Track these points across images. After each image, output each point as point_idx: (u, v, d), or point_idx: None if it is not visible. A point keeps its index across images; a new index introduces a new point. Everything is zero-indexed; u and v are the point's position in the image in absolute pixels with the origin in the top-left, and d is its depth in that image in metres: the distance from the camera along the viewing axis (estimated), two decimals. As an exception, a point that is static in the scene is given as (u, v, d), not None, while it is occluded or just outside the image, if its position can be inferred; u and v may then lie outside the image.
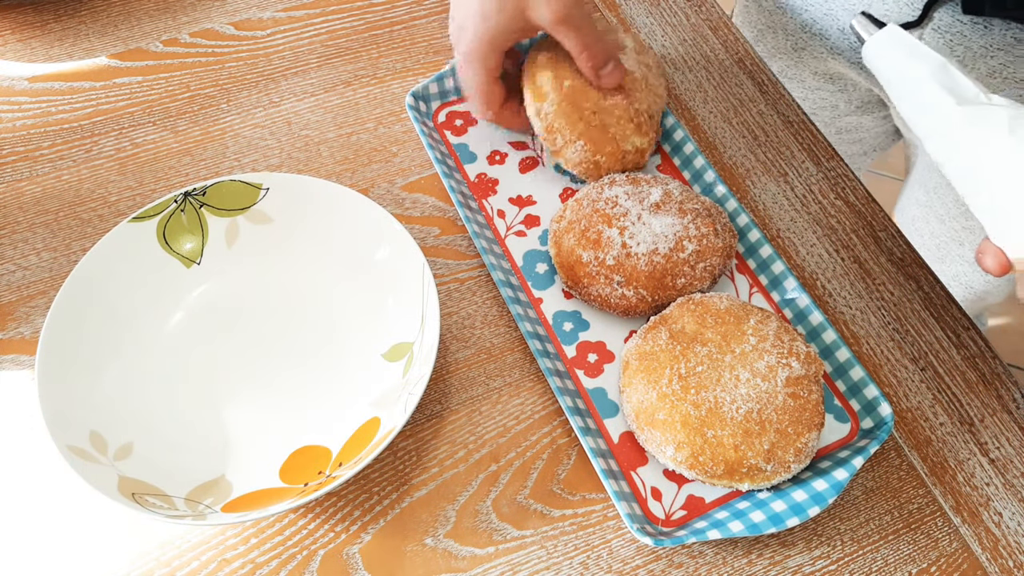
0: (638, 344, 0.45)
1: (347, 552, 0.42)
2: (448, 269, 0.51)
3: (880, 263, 0.52)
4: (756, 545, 0.43)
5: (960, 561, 0.43)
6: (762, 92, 0.59)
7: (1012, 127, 0.38)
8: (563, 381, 0.45)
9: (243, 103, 0.58)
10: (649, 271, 0.46)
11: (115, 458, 0.41)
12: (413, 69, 0.60)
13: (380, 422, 0.43)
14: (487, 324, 0.49)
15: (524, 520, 0.43)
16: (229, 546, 0.42)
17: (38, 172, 0.54)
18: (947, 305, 0.51)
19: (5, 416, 0.45)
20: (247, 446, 0.44)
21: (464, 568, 0.42)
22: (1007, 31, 0.54)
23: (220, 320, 0.48)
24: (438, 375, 0.47)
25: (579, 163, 0.51)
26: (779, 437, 0.41)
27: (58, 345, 0.42)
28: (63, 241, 0.51)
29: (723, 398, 0.41)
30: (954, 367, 0.49)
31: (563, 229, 0.48)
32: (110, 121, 0.56)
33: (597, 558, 0.42)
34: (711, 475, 0.41)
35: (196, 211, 0.48)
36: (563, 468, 0.45)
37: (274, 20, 0.62)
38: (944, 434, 0.46)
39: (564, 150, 0.51)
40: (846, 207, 0.54)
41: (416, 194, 0.54)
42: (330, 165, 0.55)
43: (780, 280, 0.49)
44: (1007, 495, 0.45)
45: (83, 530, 0.42)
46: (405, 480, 0.44)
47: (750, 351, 0.43)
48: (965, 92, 0.40)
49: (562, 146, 0.51)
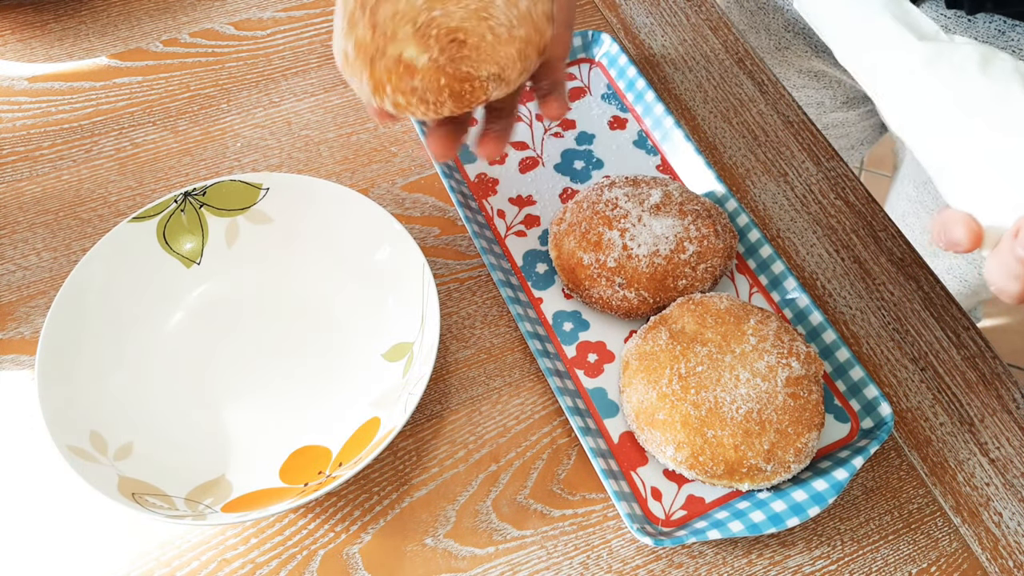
0: (638, 344, 0.45)
1: (347, 552, 0.42)
2: (448, 269, 0.51)
3: (880, 263, 0.52)
4: (756, 545, 0.43)
5: (960, 561, 0.43)
6: (762, 92, 0.59)
7: (984, 66, 0.32)
8: (563, 381, 0.45)
9: (243, 103, 0.58)
10: (650, 273, 0.46)
11: (115, 458, 0.41)
12: (413, 69, 0.60)
13: (380, 422, 0.43)
14: (487, 324, 0.49)
15: (524, 520, 0.43)
16: (229, 546, 0.42)
17: (38, 172, 0.54)
18: (947, 305, 0.51)
19: (5, 416, 0.45)
20: (247, 446, 0.44)
21: (464, 568, 0.42)
22: (991, 23, 0.54)
23: (220, 320, 0.48)
24: (438, 375, 0.47)
25: (352, 76, 0.38)
26: (779, 437, 0.41)
27: (58, 345, 0.42)
28: (63, 241, 0.51)
29: (723, 398, 0.41)
30: (954, 367, 0.49)
31: (563, 231, 0.48)
32: (110, 121, 0.56)
33: (597, 558, 0.42)
34: (711, 475, 0.41)
35: (196, 211, 0.48)
36: (563, 468, 0.45)
37: (274, 20, 0.62)
38: (944, 434, 0.46)
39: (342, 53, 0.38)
40: (846, 207, 0.54)
41: (416, 194, 0.54)
42: (330, 165, 0.55)
43: (780, 280, 0.49)
44: (1007, 495, 0.45)
45: (83, 530, 0.42)
46: (405, 480, 0.44)
47: (750, 351, 0.43)
48: (924, 28, 0.34)
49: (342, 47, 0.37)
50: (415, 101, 0.37)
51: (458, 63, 0.36)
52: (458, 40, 0.36)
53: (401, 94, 0.37)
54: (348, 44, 0.36)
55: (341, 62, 0.38)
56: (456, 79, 0.36)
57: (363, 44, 0.36)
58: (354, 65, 0.37)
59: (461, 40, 0.36)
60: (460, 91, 0.37)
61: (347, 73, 0.38)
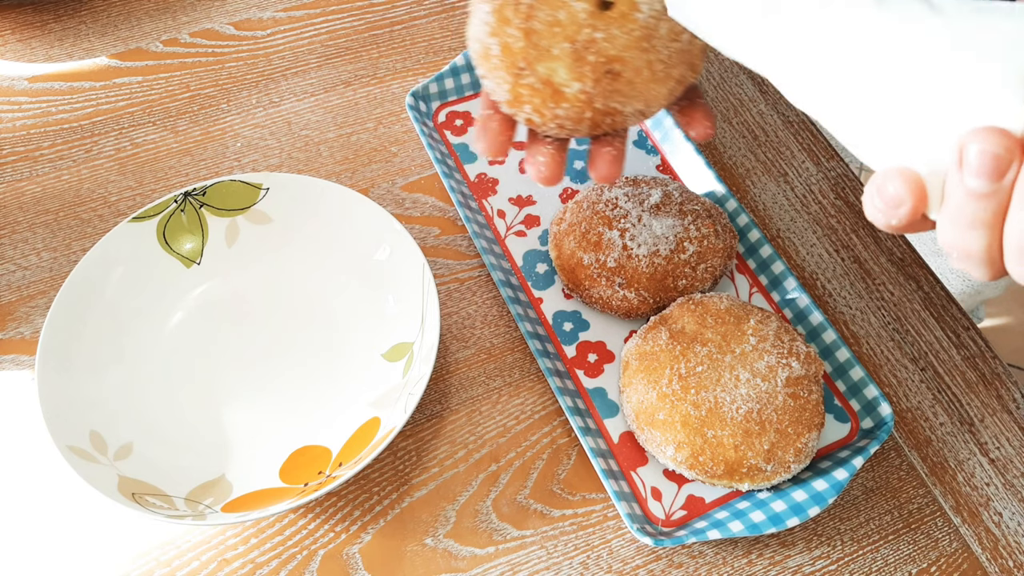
0: (638, 344, 0.45)
1: (347, 552, 0.42)
2: (448, 269, 0.51)
3: (880, 263, 0.52)
4: (756, 545, 0.43)
5: (960, 561, 0.43)
6: (762, 92, 0.59)
7: None
8: (563, 381, 0.45)
9: (243, 103, 0.58)
10: (650, 273, 0.46)
11: (115, 458, 0.41)
12: (413, 69, 0.60)
13: (380, 422, 0.43)
14: (487, 324, 0.49)
15: (524, 520, 0.43)
16: (229, 546, 0.42)
17: (38, 172, 0.54)
18: (947, 305, 0.51)
19: (5, 416, 0.45)
20: (247, 446, 0.44)
21: (464, 568, 0.42)
22: None
23: (220, 320, 0.48)
24: (438, 375, 0.47)
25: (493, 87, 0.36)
26: (779, 437, 0.41)
27: (58, 345, 0.42)
28: (63, 241, 0.51)
29: (723, 398, 0.41)
30: (954, 367, 0.49)
31: (563, 232, 0.48)
32: (110, 121, 0.56)
33: (597, 558, 0.42)
34: (711, 475, 0.41)
35: (196, 211, 0.48)
36: (563, 468, 0.45)
37: (274, 20, 0.62)
38: (944, 434, 0.46)
39: (482, 61, 0.35)
40: (846, 207, 0.54)
41: (416, 194, 0.54)
42: (330, 165, 0.55)
43: (780, 280, 0.49)
44: (1007, 495, 0.45)
45: (83, 530, 0.42)
46: (405, 480, 0.44)
47: (750, 351, 0.43)
48: None
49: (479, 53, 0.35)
50: (551, 124, 0.35)
51: (608, 98, 0.33)
52: (613, 72, 0.33)
53: (539, 114, 0.34)
54: (493, 42, 0.33)
55: (478, 55, 0.35)
56: (601, 113, 0.34)
57: (511, 50, 0.33)
58: (495, 67, 0.34)
59: (616, 72, 0.33)
60: (599, 123, 0.35)
61: (482, 68, 0.35)
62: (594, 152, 0.37)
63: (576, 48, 0.32)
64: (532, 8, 0.32)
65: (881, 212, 0.26)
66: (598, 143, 0.37)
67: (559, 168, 0.37)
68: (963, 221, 0.25)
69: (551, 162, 0.37)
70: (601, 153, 0.37)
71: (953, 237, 0.25)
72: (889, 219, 0.26)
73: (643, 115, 0.35)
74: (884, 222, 0.27)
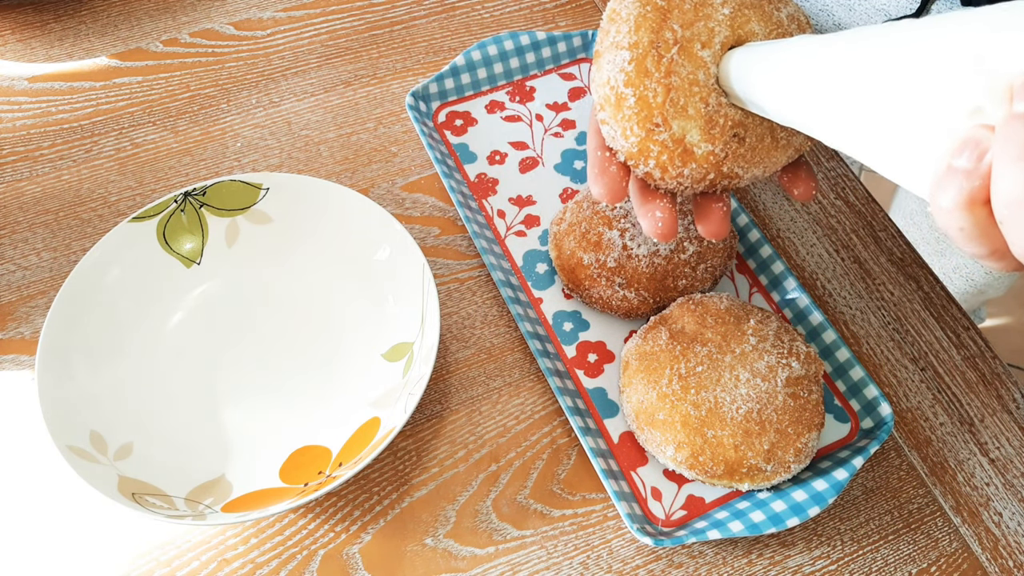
0: (638, 344, 0.45)
1: (347, 552, 0.42)
2: (448, 269, 0.51)
3: (880, 263, 0.52)
4: (756, 545, 0.43)
5: (960, 561, 0.43)
6: (762, 92, 0.59)
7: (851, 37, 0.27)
8: (563, 381, 0.45)
9: (243, 103, 0.58)
10: (650, 273, 0.46)
11: (115, 458, 0.41)
12: (413, 69, 0.60)
13: (380, 422, 0.43)
14: (487, 324, 0.49)
15: (524, 520, 0.43)
16: (229, 546, 0.42)
17: (38, 172, 0.54)
18: (947, 305, 0.51)
19: (5, 416, 0.45)
20: (247, 446, 0.44)
21: (464, 568, 0.42)
22: None
23: (220, 320, 0.48)
24: (438, 375, 0.47)
25: (613, 137, 0.35)
26: (779, 437, 0.41)
27: (58, 345, 0.42)
28: (63, 241, 0.51)
29: (723, 398, 0.41)
30: (954, 367, 0.49)
31: (563, 231, 0.48)
32: (110, 121, 0.56)
33: (597, 558, 0.42)
34: (711, 475, 0.41)
35: (196, 211, 0.48)
36: (563, 468, 0.45)
37: (274, 20, 0.62)
38: (944, 434, 0.46)
39: (605, 106, 0.35)
40: (846, 207, 0.54)
41: (416, 194, 0.54)
42: (330, 165, 0.55)
43: (780, 280, 0.49)
44: (1007, 495, 0.45)
45: (83, 530, 0.42)
46: (405, 480, 0.44)
47: (750, 351, 0.43)
48: None
49: (602, 100, 0.35)
50: (672, 180, 0.34)
51: (732, 162, 0.33)
52: (739, 136, 0.33)
53: (662, 170, 0.34)
54: (629, 92, 0.33)
55: (607, 101, 0.34)
56: (722, 175, 0.34)
57: (648, 104, 0.32)
58: (626, 118, 0.33)
59: (741, 137, 0.33)
60: (716, 183, 0.35)
61: (607, 113, 0.34)
62: (703, 206, 0.37)
63: (710, 110, 0.32)
64: (673, 63, 0.32)
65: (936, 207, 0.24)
66: (707, 198, 0.37)
67: (676, 223, 0.37)
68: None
69: (668, 218, 0.36)
70: (712, 209, 0.37)
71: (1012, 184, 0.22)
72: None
73: (758, 179, 0.35)
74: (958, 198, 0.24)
